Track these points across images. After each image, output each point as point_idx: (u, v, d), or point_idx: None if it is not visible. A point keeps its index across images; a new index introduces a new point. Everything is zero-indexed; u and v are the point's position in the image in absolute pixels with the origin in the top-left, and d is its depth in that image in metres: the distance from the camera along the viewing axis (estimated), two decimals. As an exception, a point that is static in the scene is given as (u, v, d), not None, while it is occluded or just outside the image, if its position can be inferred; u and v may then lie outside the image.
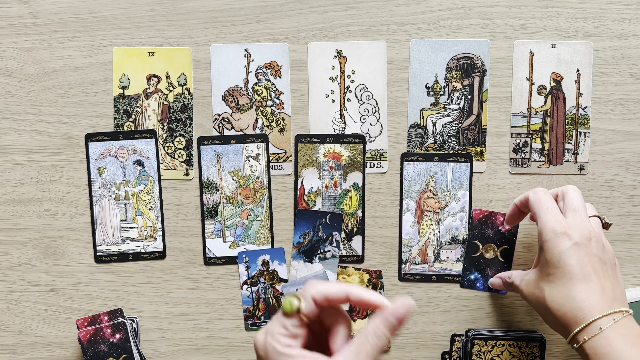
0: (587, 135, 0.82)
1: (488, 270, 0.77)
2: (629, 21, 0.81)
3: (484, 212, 0.78)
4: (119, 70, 0.82)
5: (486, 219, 0.78)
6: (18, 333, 0.84)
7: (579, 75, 0.81)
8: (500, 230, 0.78)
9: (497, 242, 0.78)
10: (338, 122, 0.83)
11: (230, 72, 0.82)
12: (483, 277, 0.77)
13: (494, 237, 0.78)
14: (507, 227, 0.80)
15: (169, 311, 0.84)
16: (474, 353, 0.80)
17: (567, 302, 0.64)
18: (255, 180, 0.83)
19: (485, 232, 0.78)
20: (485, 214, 0.78)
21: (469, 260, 0.77)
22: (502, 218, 0.78)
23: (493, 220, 0.78)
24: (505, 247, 0.78)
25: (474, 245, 0.78)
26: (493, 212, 0.78)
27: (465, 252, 0.78)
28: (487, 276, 0.77)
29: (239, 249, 0.84)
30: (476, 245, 0.78)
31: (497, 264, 0.78)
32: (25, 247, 0.83)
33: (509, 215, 0.77)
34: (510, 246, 0.78)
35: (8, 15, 0.81)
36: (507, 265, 0.78)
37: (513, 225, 0.80)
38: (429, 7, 0.81)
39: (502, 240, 0.78)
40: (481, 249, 0.78)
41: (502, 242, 0.78)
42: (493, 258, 0.77)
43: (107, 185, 0.83)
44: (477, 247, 0.78)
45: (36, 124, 0.82)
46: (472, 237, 0.78)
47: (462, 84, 0.82)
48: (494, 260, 0.77)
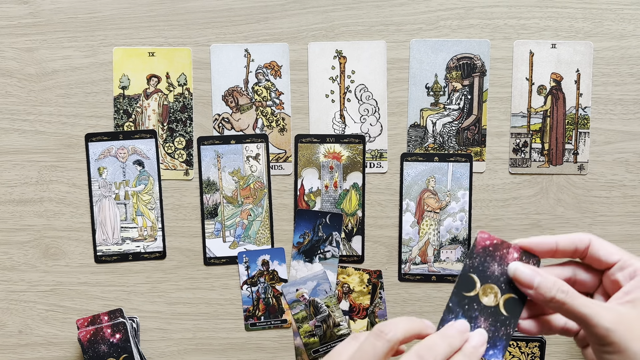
0: (587, 135, 0.82)
1: (481, 320, 0.51)
2: (629, 21, 0.81)
3: (492, 239, 0.52)
4: (119, 70, 0.82)
5: (494, 250, 0.52)
6: (18, 333, 0.84)
7: (579, 75, 0.81)
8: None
9: (502, 286, 0.52)
10: (338, 122, 0.83)
11: (230, 72, 0.82)
12: (472, 328, 0.51)
13: (500, 277, 0.52)
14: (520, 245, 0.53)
15: (169, 311, 0.84)
16: (474, 353, 0.80)
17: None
18: (255, 180, 0.83)
19: (489, 267, 0.52)
20: (494, 242, 0.52)
21: (458, 298, 0.51)
22: (516, 254, 0.52)
23: (503, 254, 0.52)
24: (511, 297, 0.52)
25: (469, 281, 0.52)
26: (505, 243, 0.52)
27: (455, 287, 0.52)
28: (476, 327, 0.51)
29: (239, 249, 0.84)
30: (472, 281, 0.52)
31: (496, 317, 0.51)
32: (25, 247, 0.83)
33: (540, 248, 0.53)
34: (521, 296, 0.52)
35: (8, 15, 0.81)
36: (511, 322, 0.51)
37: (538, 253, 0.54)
38: (429, 7, 0.81)
39: (510, 285, 0.52)
40: (478, 289, 0.52)
41: (509, 288, 0.52)
42: (493, 306, 0.51)
43: (107, 185, 0.83)
44: (474, 283, 0.52)
45: (36, 124, 0.82)
46: (469, 268, 0.52)
47: (462, 84, 0.82)
48: (493, 309, 0.51)
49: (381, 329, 0.46)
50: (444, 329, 0.49)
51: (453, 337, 0.48)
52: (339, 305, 0.83)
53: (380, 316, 0.83)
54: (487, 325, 0.52)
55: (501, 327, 0.52)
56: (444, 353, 0.46)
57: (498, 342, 0.51)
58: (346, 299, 0.84)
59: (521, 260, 0.52)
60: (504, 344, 0.51)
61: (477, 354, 0.48)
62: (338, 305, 0.83)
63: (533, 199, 0.83)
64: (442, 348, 0.46)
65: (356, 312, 0.84)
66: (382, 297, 0.83)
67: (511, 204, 0.83)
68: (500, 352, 0.51)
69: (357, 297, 0.83)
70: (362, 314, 0.84)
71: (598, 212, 0.82)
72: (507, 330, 0.51)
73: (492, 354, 0.51)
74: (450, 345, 0.47)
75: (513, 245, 0.52)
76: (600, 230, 0.82)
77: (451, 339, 0.48)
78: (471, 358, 0.47)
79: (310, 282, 0.83)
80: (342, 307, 0.83)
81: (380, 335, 0.46)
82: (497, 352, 0.51)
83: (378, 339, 0.46)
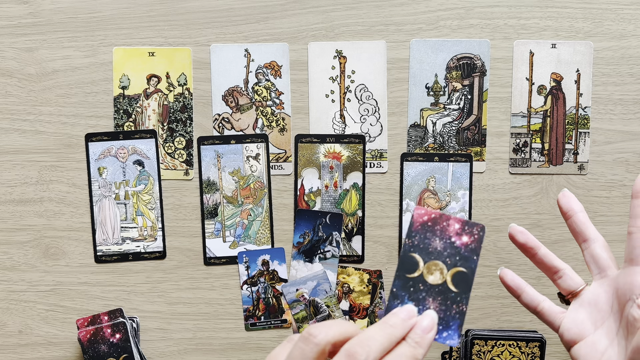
0: (587, 135, 0.82)
1: (429, 301, 0.48)
2: (629, 21, 0.81)
3: (430, 214, 0.50)
4: (119, 70, 0.82)
5: (433, 224, 0.49)
6: (18, 333, 0.84)
7: (579, 75, 0.81)
8: (454, 243, 0.49)
9: (447, 261, 0.49)
10: (338, 122, 0.83)
11: (230, 72, 0.82)
12: (420, 310, 0.47)
13: (443, 252, 0.49)
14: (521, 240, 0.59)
15: (169, 311, 0.84)
16: (474, 353, 0.80)
17: None
18: (255, 180, 0.83)
19: (430, 244, 0.49)
20: (432, 216, 0.49)
21: (401, 282, 0.48)
22: (457, 225, 0.49)
23: (444, 227, 0.50)
24: (460, 271, 0.49)
25: (411, 261, 0.49)
26: (444, 215, 0.49)
27: (397, 270, 0.49)
28: (425, 309, 0.47)
29: (239, 249, 0.84)
30: (414, 261, 0.49)
31: (445, 295, 0.48)
32: (25, 247, 0.83)
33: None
34: (469, 269, 0.49)
35: (8, 15, 0.81)
36: (462, 298, 0.48)
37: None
38: (429, 7, 0.81)
39: (456, 258, 0.49)
40: (422, 268, 0.49)
41: (456, 263, 0.49)
42: (440, 284, 0.48)
43: (107, 185, 0.83)
44: (416, 263, 0.49)
45: (36, 124, 0.82)
46: (410, 248, 0.49)
47: (462, 84, 0.82)
48: (440, 287, 0.48)
49: (310, 332, 0.42)
50: (385, 318, 0.45)
51: (394, 327, 0.44)
52: (339, 305, 0.83)
53: (380, 316, 0.83)
54: (437, 306, 0.48)
55: (452, 305, 0.48)
56: (380, 347, 0.42)
57: (451, 321, 0.48)
58: (346, 299, 0.84)
59: (464, 230, 0.49)
60: (458, 323, 0.48)
61: (426, 339, 0.44)
62: (338, 305, 0.83)
63: (533, 199, 0.83)
64: (378, 342, 0.42)
65: (356, 312, 0.84)
66: (382, 297, 0.83)
67: (511, 204, 0.83)
68: (456, 332, 0.48)
69: (357, 297, 0.83)
70: (362, 314, 0.84)
71: (598, 212, 0.82)
72: (460, 307, 0.48)
73: (447, 336, 0.47)
74: (389, 336, 0.43)
75: (452, 216, 0.50)
76: (600, 230, 0.82)
77: (391, 329, 0.44)
78: (420, 345, 0.44)
79: (310, 282, 0.83)
80: (342, 307, 0.83)
81: (308, 339, 0.42)
82: (451, 332, 0.48)
83: (306, 344, 0.42)
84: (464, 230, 0.49)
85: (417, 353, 0.43)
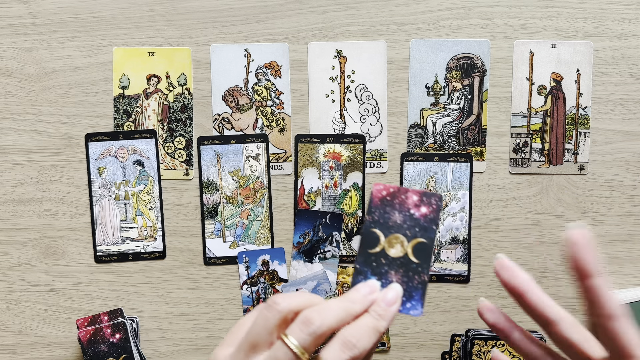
0: (587, 135, 0.82)
1: (392, 274, 0.49)
2: (629, 21, 0.81)
3: (388, 188, 0.50)
4: (119, 70, 0.82)
5: (392, 199, 0.50)
6: (18, 333, 0.84)
7: (579, 75, 0.81)
8: (413, 215, 0.50)
9: (407, 233, 0.50)
10: (338, 122, 0.83)
11: (230, 72, 0.82)
12: (384, 284, 0.49)
13: (403, 224, 0.50)
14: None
15: (169, 311, 0.84)
16: (474, 353, 0.80)
17: None
18: (255, 180, 0.83)
19: (390, 218, 0.50)
20: (390, 191, 0.50)
21: (364, 257, 0.49)
22: (415, 197, 0.50)
23: (402, 200, 0.50)
24: (420, 241, 0.50)
25: (372, 236, 0.50)
26: (402, 188, 0.50)
27: (360, 247, 0.50)
28: (388, 282, 0.49)
29: (239, 249, 0.84)
30: (375, 237, 0.50)
31: (407, 267, 0.49)
32: (25, 247, 0.83)
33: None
34: (428, 239, 0.50)
35: (8, 15, 0.81)
36: (423, 269, 0.49)
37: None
38: (429, 7, 0.81)
39: (415, 230, 0.50)
40: (383, 242, 0.50)
41: (416, 234, 0.50)
42: (401, 257, 0.49)
43: (107, 185, 0.83)
44: (377, 238, 0.50)
45: (36, 124, 0.82)
46: (370, 224, 0.50)
47: (462, 84, 0.82)
48: (402, 259, 0.49)
49: (274, 300, 0.44)
50: (346, 293, 0.46)
51: (353, 302, 0.45)
52: (339, 305, 0.83)
53: (380, 316, 0.83)
54: (399, 278, 0.49)
55: (414, 275, 0.49)
56: (336, 317, 0.43)
57: (414, 292, 0.49)
58: (346, 299, 0.83)
59: (421, 201, 0.50)
60: (420, 293, 0.49)
61: (389, 312, 0.46)
62: (338, 305, 0.83)
63: (533, 199, 0.83)
64: (335, 312, 0.43)
65: (356, 312, 0.84)
66: (382, 297, 0.83)
67: (511, 204, 0.83)
68: (419, 302, 0.49)
69: (357, 297, 0.83)
70: (362, 314, 0.84)
71: (598, 212, 0.82)
72: (422, 277, 0.49)
73: (411, 306, 0.49)
74: (346, 309, 0.44)
75: (410, 189, 0.50)
76: (600, 230, 0.83)
77: (350, 303, 0.45)
78: (383, 318, 0.45)
79: (310, 282, 0.83)
80: (342, 307, 0.83)
81: (272, 306, 0.44)
82: (415, 303, 0.49)
83: (270, 310, 0.44)
84: (422, 201, 0.50)
85: (380, 325, 0.44)
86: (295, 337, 0.42)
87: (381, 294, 0.46)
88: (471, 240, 0.83)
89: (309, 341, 0.42)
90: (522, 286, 0.45)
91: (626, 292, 0.82)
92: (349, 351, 0.43)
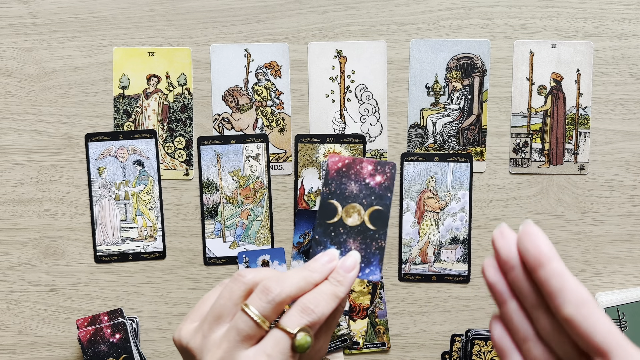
0: (587, 135, 0.82)
1: (350, 242, 0.51)
2: (629, 21, 0.81)
3: (343, 159, 0.52)
4: (119, 70, 0.82)
5: (347, 170, 0.52)
6: (18, 333, 0.84)
7: (579, 75, 0.81)
8: (368, 184, 0.52)
9: (363, 201, 0.52)
10: (338, 122, 0.83)
11: (230, 72, 0.82)
12: (343, 252, 0.50)
13: (359, 193, 0.52)
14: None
15: (169, 311, 0.84)
16: (474, 353, 0.80)
17: None
18: (255, 180, 0.83)
19: (347, 188, 0.52)
20: (345, 162, 0.52)
21: (322, 228, 0.51)
22: (370, 166, 0.52)
23: (357, 171, 0.52)
24: (376, 209, 0.51)
25: (330, 207, 0.51)
26: (357, 159, 0.52)
27: (318, 218, 0.51)
28: (347, 250, 0.50)
29: (239, 249, 0.84)
30: (332, 207, 0.51)
31: (365, 234, 0.51)
32: (25, 247, 0.83)
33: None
34: (384, 206, 0.51)
35: (8, 15, 0.81)
36: (380, 235, 0.51)
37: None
38: (429, 7, 0.81)
39: (371, 199, 0.52)
40: (340, 212, 0.51)
41: (372, 202, 0.52)
42: (359, 225, 0.51)
43: (107, 185, 0.83)
44: (335, 209, 0.51)
45: (36, 124, 0.82)
46: (327, 195, 0.52)
47: (462, 84, 0.82)
48: (359, 227, 0.51)
49: (239, 273, 0.46)
50: (306, 263, 0.48)
51: (312, 271, 0.46)
52: (339, 305, 0.83)
53: (381, 316, 0.83)
54: (357, 245, 0.51)
55: (372, 242, 0.51)
56: (295, 285, 0.45)
57: (372, 258, 0.51)
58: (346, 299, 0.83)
59: (376, 170, 0.52)
60: (378, 258, 0.51)
61: (348, 278, 0.47)
62: (338, 305, 0.83)
63: (533, 199, 0.83)
64: (294, 280, 0.45)
65: (356, 312, 0.84)
66: (382, 297, 0.83)
67: (511, 204, 0.83)
68: (377, 267, 0.51)
69: (357, 297, 0.83)
70: (362, 314, 0.84)
71: (598, 212, 0.82)
72: (379, 243, 0.51)
73: (370, 272, 0.50)
74: (305, 278, 0.46)
75: (365, 159, 0.52)
76: (601, 230, 0.83)
77: (309, 272, 0.46)
78: (342, 284, 0.46)
79: (310, 282, 0.83)
80: (342, 307, 0.83)
81: (237, 278, 0.45)
82: (373, 268, 0.50)
83: (235, 282, 0.45)
84: (376, 170, 0.52)
85: (338, 290, 0.46)
86: (255, 306, 0.43)
87: (340, 261, 0.48)
88: (471, 240, 0.83)
89: (269, 309, 0.43)
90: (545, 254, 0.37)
91: (626, 292, 0.82)
92: (308, 316, 0.44)
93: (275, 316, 0.44)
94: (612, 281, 0.83)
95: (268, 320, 0.44)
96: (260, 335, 0.44)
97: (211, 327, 0.45)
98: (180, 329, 0.47)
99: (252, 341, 0.43)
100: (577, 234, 0.83)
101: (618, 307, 0.79)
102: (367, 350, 0.84)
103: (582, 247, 0.83)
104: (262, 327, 0.43)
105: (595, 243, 0.83)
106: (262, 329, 0.44)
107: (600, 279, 0.83)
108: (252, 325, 0.43)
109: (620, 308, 0.79)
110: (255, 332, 0.43)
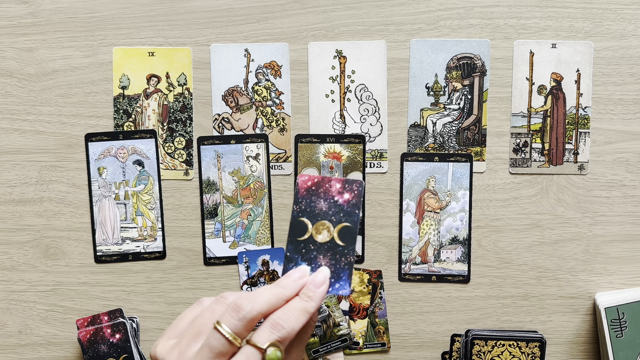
0: (587, 135, 0.82)
1: (320, 258, 0.52)
2: (629, 21, 0.81)
3: (313, 178, 0.54)
4: (119, 70, 0.82)
5: (317, 188, 0.54)
6: (18, 333, 0.84)
7: (579, 75, 0.81)
8: (337, 202, 0.54)
9: (332, 219, 0.54)
10: (338, 122, 0.83)
11: (230, 72, 0.82)
12: (314, 268, 0.52)
13: (328, 211, 0.54)
14: None
15: (169, 311, 0.84)
16: (474, 353, 0.80)
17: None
18: (255, 180, 0.83)
19: (316, 206, 0.53)
20: (315, 181, 0.54)
21: (294, 245, 0.53)
22: (338, 184, 0.54)
23: (326, 189, 0.54)
24: (345, 225, 0.53)
25: (300, 225, 0.53)
26: (326, 178, 0.54)
27: (289, 235, 0.53)
28: (318, 266, 0.52)
29: (239, 249, 0.84)
30: (303, 225, 0.53)
31: (334, 250, 0.53)
32: (25, 247, 0.83)
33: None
34: (352, 223, 0.53)
35: (8, 15, 0.81)
36: (349, 250, 0.53)
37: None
38: (429, 7, 0.81)
39: (340, 216, 0.53)
40: (310, 230, 0.53)
41: (340, 219, 0.53)
42: (328, 241, 0.53)
43: (107, 185, 0.83)
44: (305, 226, 0.53)
45: (36, 124, 0.82)
46: (298, 213, 0.53)
47: (462, 84, 0.82)
48: (329, 244, 0.53)
49: (223, 295, 0.48)
50: (278, 280, 0.50)
51: (283, 287, 0.48)
52: (339, 305, 0.83)
53: (381, 316, 0.83)
54: (327, 261, 0.53)
55: (341, 257, 0.53)
56: (266, 302, 0.46)
57: (341, 273, 0.52)
58: (346, 299, 0.84)
59: (344, 188, 0.54)
60: (347, 273, 0.52)
61: (318, 293, 0.49)
62: (338, 305, 0.83)
63: (533, 199, 0.83)
64: (265, 298, 0.47)
65: (356, 312, 0.84)
66: (382, 297, 0.83)
67: (511, 204, 0.83)
68: (346, 282, 0.52)
69: (357, 297, 0.83)
70: (362, 314, 0.84)
71: (598, 212, 0.82)
72: (348, 258, 0.53)
73: (339, 287, 0.52)
74: (277, 295, 0.47)
75: (333, 178, 0.54)
76: (601, 230, 0.83)
77: (280, 289, 0.48)
78: (312, 299, 0.48)
79: (310, 282, 0.83)
80: (342, 307, 0.83)
81: (220, 300, 0.47)
82: (342, 283, 0.52)
83: (218, 304, 0.47)
84: (344, 188, 0.54)
85: (309, 306, 0.48)
86: (227, 324, 0.45)
87: (311, 277, 0.50)
88: (471, 240, 0.83)
89: (240, 326, 0.45)
90: None
91: (626, 292, 0.82)
92: (277, 332, 0.45)
93: (247, 333, 0.45)
94: (612, 281, 0.83)
95: (240, 337, 0.45)
96: (232, 352, 0.45)
97: (189, 344, 0.46)
98: (156, 345, 0.48)
99: (224, 358, 0.45)
100: (577, 234, 0.83)
101: (618, 307, 0.79)
102: (367, 350, 0.84)
103: (582, 247, 0.83)
104: (234, 344, 0.45)
105: (595, 243, 0.83)
106: (234, 346, 0.45)
107: (600, 279, 0.83)
108: (224, 343, 0.45)
109: (620, 308, 0.79)
110: (228, 349, 0.45)
